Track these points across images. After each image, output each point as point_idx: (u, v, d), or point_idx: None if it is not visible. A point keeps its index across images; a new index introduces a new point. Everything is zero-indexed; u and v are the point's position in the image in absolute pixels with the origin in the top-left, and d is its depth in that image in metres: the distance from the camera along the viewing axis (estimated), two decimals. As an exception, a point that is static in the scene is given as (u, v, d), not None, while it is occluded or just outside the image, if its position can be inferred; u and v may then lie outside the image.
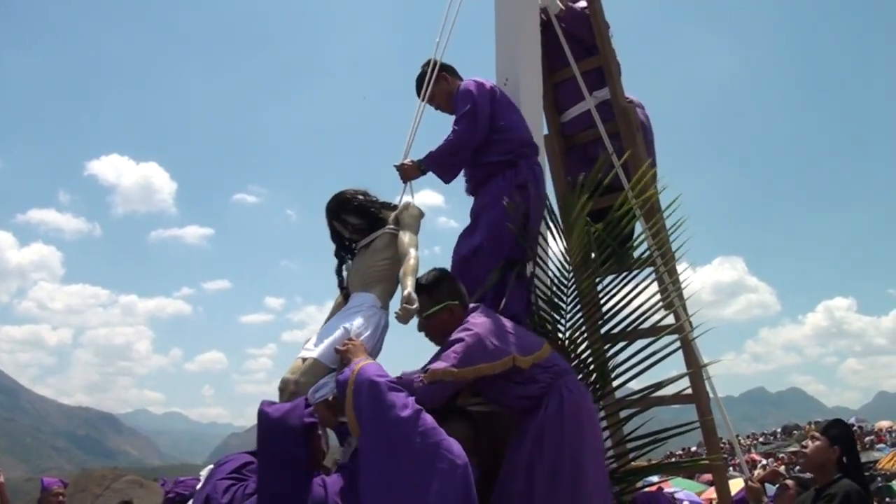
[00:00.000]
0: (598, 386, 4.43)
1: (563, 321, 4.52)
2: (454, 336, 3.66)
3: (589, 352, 4.46)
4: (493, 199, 4.51)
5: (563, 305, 4.52)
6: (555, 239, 4.59)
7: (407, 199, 4.59)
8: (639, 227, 4.91)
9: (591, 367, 4.46)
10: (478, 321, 3.73)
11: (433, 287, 3.89)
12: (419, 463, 3.01)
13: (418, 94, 4.91)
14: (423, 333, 3.96)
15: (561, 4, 5.66)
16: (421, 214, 4.39)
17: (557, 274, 4.58)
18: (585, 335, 4.49)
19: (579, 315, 4.52)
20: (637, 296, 4.48)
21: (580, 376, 4.34)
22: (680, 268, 4.76)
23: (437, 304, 3.85)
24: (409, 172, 4.64)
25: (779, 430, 45.57)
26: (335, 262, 4.52)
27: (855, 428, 29.78)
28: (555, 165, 5.68)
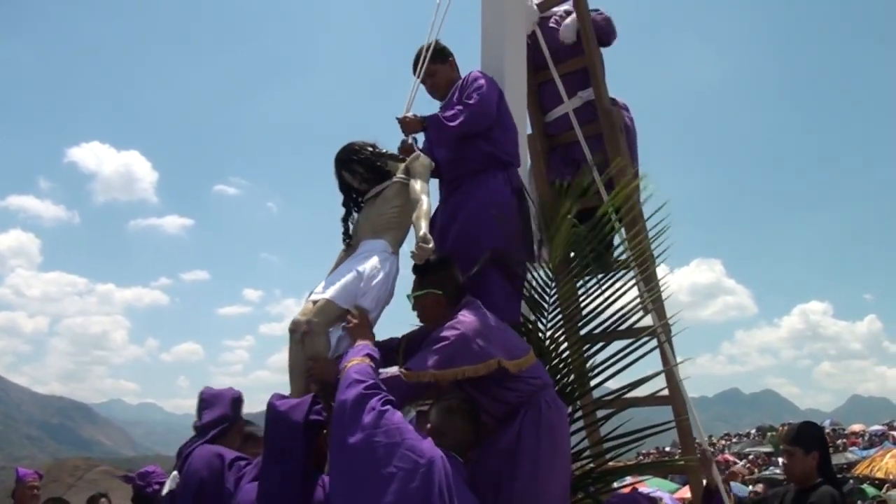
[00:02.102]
0: (576, 386, 4.46)
1: (544, 321, 4.54)
2: (440, 333, 3.62)
3: (568, 352, 4.49)
4: (485, 193, 4.50)
5: (545, 306, 4.54)
6: (539, 239, 4.61)
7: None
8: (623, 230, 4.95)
9: (570, 367, 4.49)
10: (466, 319, 3.67)
11: (424, 271, 3.89)
12: (380, 464, 2.96)
13: (420, 64, 4.88)
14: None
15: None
16: (431, 164, 4.42)
17: (541, 275, 4.60)
18: (565, 335, 4.52)
19: (559, 316, 4.54)
20: (618, 298, 4.50)
21: (559, 376, 4.37)
22: (660, 271, 4.80)
23: (421, 289, 3.84)
24: (410, 125, 4.67)
25: (753, 430, 45.91)
26: (342, 211, 4.53)
27: (828, 430, 30.07)
28: (537, 165, 5.70)
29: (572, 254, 4.62)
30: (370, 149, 4.45)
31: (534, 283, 4.58)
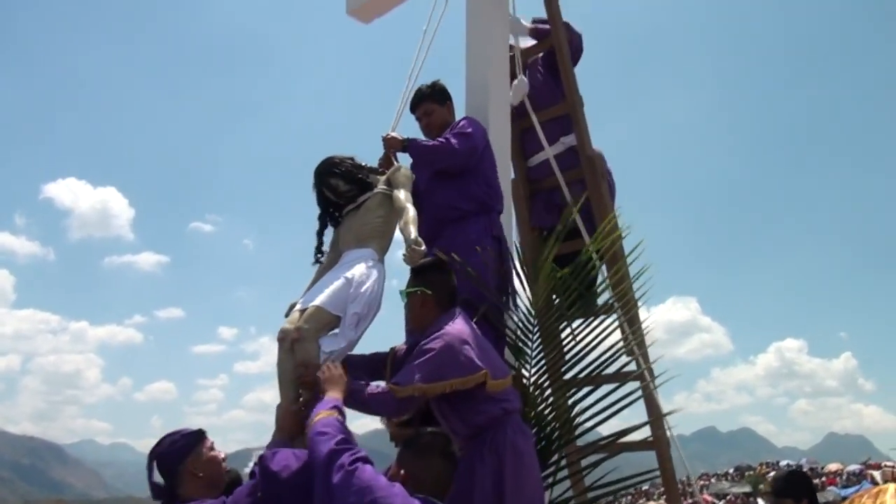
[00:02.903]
0: (561, 432, 4.42)
1: (527, 366, 4.52)
2: (426, 345, 3.58)
3: (552, 398, 4.46)
4: (466, 241, 4.48)
5: (528, 351, 4.52)
6: (522, 285, 4.59)
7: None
8: (604, 270, 4.95)
9: (554, 412, 4.45)
10: (452, 329, 3.62)
11: (419, 271, 3.89)
12: None
13: (419, 101, 4.91)
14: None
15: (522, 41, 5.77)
16: (412, 175, 4.48)
17: (522, 319, 4.58)
18: (548, 380, 4.49)
19: (542, 360, 4.52)
20: (602, 341, 4.49)
21: (544, 422, 4.33)
22: (642, 314, 4.80)
23: (414, 286, 3.85)
24: (392, 143, 4.73)
25: (731, 470, 45.87)
26: (317, 225, 4.55)
27: (806, 469, 30.12)
28: (520, 210, 5.72)
29: (555, 298, 4.61)
30: (350, 161, 4.48)
31: (516, 329, 4.56)
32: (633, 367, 4.70)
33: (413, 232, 4.00)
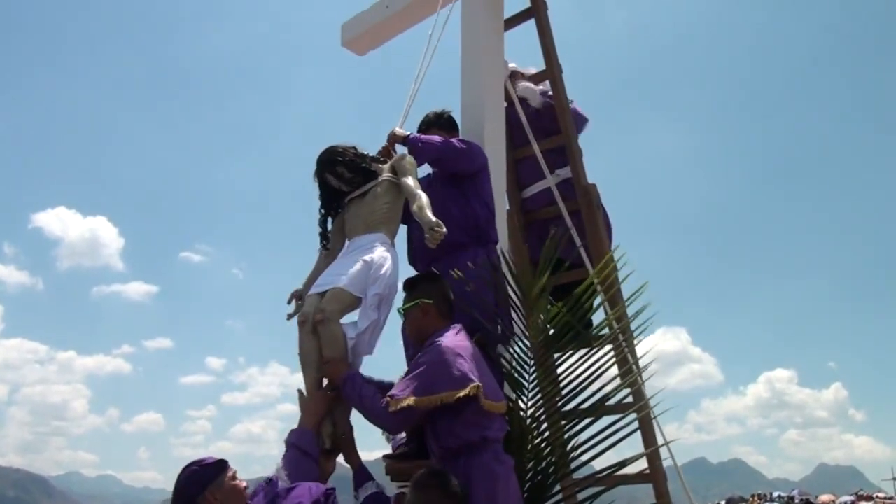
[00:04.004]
0: (559, 465, 4.38)
1: (524, 399, 4.49)
2: (420, 357, 3.59)
3: (548, 432, 4.43)
4: (463, 271, 4.46)
5: (525, 384, 4.49)
6: (519, 316, 4.58)
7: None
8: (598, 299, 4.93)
9: (551, 446, 4.42)
10: (447, 342, 3.63)
11: (411, 285, 3.93)
12: None
13: (427, 126, 5.01)
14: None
15: (521, 86, 5.80)
16: (416, 163, 4.54)
17: (519, 351, 4.56)
18: (544, 412, 4.46)
19: (538, 392, 4.49)
20: (601, 374, 4.46)
21: (541, 456, 4.30)
22: (639, 350, 4.77)
23: (412, 300, 3.89)
24: (393, 137, 4.78)
25: (722, 502, 45.54)
26: (319, 215, 4.60)
27: (797, 501, 29.93)
28: (515, 241, 5.72)
29: (551, 329, 4.59)
30: (353, 150, 4.53)
31: (513, 361, 4.54)
32: (628, 398, 4.67)
33: (430, 215, 4.04)
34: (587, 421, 4.41)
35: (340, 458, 4.06)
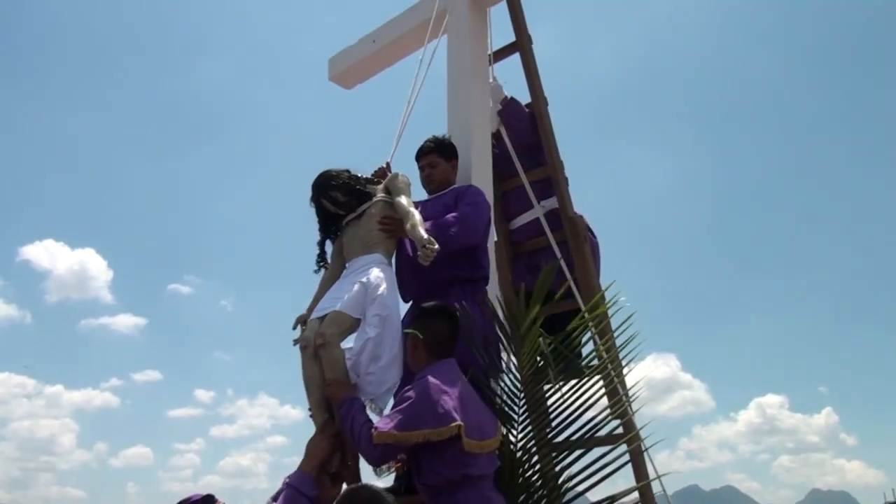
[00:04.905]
0: (551, 498, 4.36)
1: (515, 431, 4.47)
2: (405, 392, 3.59)
3: (539, 464, 4.40)
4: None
5: (515, 416, 4.48)
6: (506, 349, 4.57)
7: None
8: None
9: (543, 478, 4.39)
10: (434, 378, 3.62)
11: (417, 314, 3.98)
12: None
13: (427, 151, 4.99)
14: None
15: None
16: (410, 182, 4.62)
17: (509, 384, 4.55)
18: (535, 444, 4.44)
19: (529, 425, 4.48)
20: (591, 406, 4.45)
21: (532, 489, 4.27)
22: (629, 379, 4.77)
23: (406, 327, 3.95)
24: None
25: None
26: (318, 236, 4.68)
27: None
28: (502, 273, 5.73)
29: (540, 362, 4.58)
30: (346, 173, 4.60)
31: (503, 394, 4.52)
32: (619, 429, 4.66)
33: (423, 233, 4.13)
34: (578, 452, 4.40)
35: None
